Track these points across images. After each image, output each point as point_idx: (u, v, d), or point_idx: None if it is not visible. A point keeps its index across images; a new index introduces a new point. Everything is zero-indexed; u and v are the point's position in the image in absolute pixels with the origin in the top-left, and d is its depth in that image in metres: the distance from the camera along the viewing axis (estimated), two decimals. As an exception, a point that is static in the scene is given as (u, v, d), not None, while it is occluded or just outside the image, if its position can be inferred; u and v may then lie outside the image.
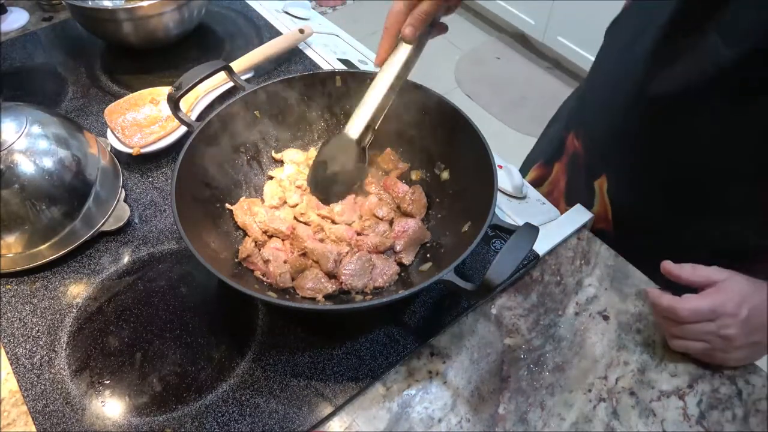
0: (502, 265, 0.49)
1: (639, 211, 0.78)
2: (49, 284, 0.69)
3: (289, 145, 0.80)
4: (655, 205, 0.75)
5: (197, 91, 0.87)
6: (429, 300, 0.68)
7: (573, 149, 0.88)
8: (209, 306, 0.68)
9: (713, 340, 0.59)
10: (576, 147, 0.87)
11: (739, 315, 0.57)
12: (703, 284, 0.60)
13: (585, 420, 0.59)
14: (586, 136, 0.84)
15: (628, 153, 0.76)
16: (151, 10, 0.92)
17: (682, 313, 0.59)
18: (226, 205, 0.72)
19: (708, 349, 0.60)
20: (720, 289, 0.59)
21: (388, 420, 0.59)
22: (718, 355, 0.60)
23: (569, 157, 0.89)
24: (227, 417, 0.58)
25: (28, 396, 0.59)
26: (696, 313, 0.58)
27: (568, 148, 0.89)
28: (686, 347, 0.61)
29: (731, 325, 0.57)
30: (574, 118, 0.89)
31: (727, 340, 0.58)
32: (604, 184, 0.81)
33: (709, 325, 0.58)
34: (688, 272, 0.60)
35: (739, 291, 0.58)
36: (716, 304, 0.58)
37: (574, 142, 0.87)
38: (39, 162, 0.69)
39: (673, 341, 0.62)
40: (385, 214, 0.72)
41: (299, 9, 1.14)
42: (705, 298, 0.58)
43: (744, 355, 0.60)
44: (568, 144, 0.89)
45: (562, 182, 0.91)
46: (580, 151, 0.86)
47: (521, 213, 0.77)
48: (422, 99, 0.73)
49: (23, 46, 1.06)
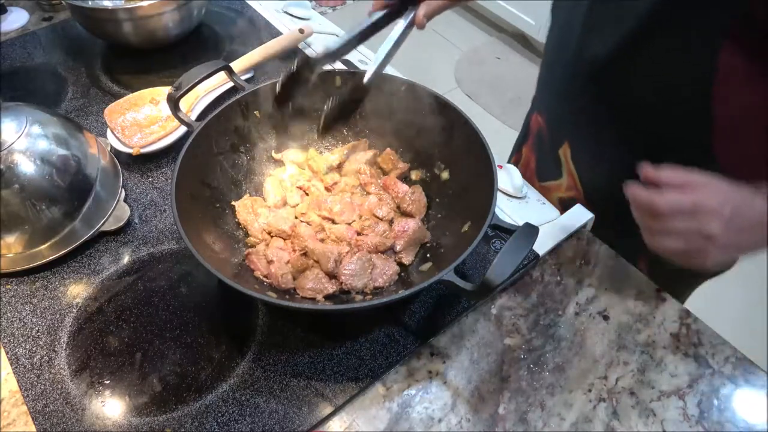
0: (502, 265, 0.49)
1: (601, 173, 0.80)
2: (49, 284, 0.69)
3: (289, 145, 0.80)
4: (614, 165, 0.77)
5: (197, 91, 0.87)
6: (429, 300, 0.68)
7: (537, 127, 0.93)
8: (209, 306, 0.68)
9: (693, 239, 0.56)
10: (540, 124, 0.92)
11: (722, 212, 0.54)
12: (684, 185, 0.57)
13: (585, 420, 0.59)
14: (546, 111, 0.90)
15: (579, 116, 0.80)
16: (151, 10, 0.92)
17: (661, 205, 0.56)
18: (229, 201, 0.72)
19: (687, 250, 0.57)
20: (702, 185, 0.56)
21: (388, 420, 0.59)
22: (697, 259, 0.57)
23: (535, 136, 0.94)
24: (227, 417, 0.58)
25: (28, 396, 0.59)
26: (676, 207, 0.56)
27: (533, 127, 0.94)
28: (664, 246, 0.58)
29: (714, 223, 0.55)
30: (536, 99, 0.95)
31: (709, 239, 0.55)
32: (568, 151, 0.84)
33: (691, 222, 0.56)
34: (667, 174, 0.58)
35: (722, 190, 0.56)
36: (698, 200, 0.55)
37: (538, 120, 0.92)
38: (39, 162, 0.69)
39: (651, 239, 0.59)
40: (384, 214, 0.72)
41: (299, 9, 1.14)
42: (686, 193, 0.56)
43: (723, 258, 0.58)
44: (533, 124, 0.94)
45: (532, 162, 0.95)
46: (543, 126, 0.91)
47: (521, 213, 0.77)
48: (422, 99, 0.73)
49: (23, 46, 1.06)
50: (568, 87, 0.81)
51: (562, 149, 0.86)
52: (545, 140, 0.91)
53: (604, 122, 0.77)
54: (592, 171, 0.83)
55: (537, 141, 0.94)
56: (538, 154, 0.94)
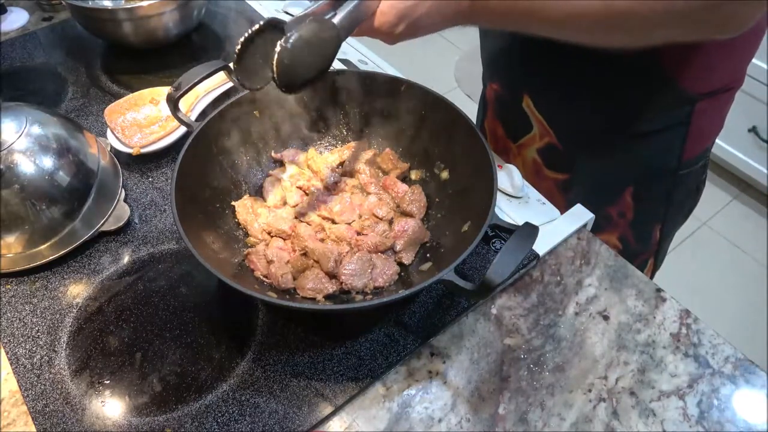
0: (502, 265, 0.49)
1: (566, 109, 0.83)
2: (49, 284, 0.69)
3: (288, 145, 0.80)
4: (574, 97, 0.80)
5: (197, 91, 0.87)
6: (429, 300, 0.68)
7: (493, 95, 0.96)
8: (209, 306, 0.68)
9: None
10: (495, 90, 0.95)
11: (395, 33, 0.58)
12: None
13: (585, 420, 0.59)
14: (497, 74, 0.93)
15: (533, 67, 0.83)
16: (151, 10, 0.92)
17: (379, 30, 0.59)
18: (229, 201, 0.72)
19: None
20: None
21: (388, 420, 0.59)
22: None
23: (494, 104, 0.97)
24: (227, 417, 0.58)
25: (28, 396, 0.59)
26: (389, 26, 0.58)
27: (489, 98, 0.98)
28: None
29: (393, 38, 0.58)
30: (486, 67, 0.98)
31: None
32: (530, 102, 0.87)
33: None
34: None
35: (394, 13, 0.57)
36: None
37: (492, 88, 0.96)
38: (39, 162, 0.69)
39: None
40: (384, 214, 0.72)
41: (299, 9, 1.14)
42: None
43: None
44: (489, 95, 0.98)
45: (499, 129, 0.98)
46: (499, 91, 0.94)
47: (521, 213, 0.77)
48: (422, 98, 0.73)
49: (23, 46, 1.06)
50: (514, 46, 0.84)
51: (524, 103, 0.88)
52: (506, 102, 0.93)
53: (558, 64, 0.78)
54: (556, 110, 0.86)
55: (498, 106, 0.97)
56: (503, 118, 0.97)
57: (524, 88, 0.87)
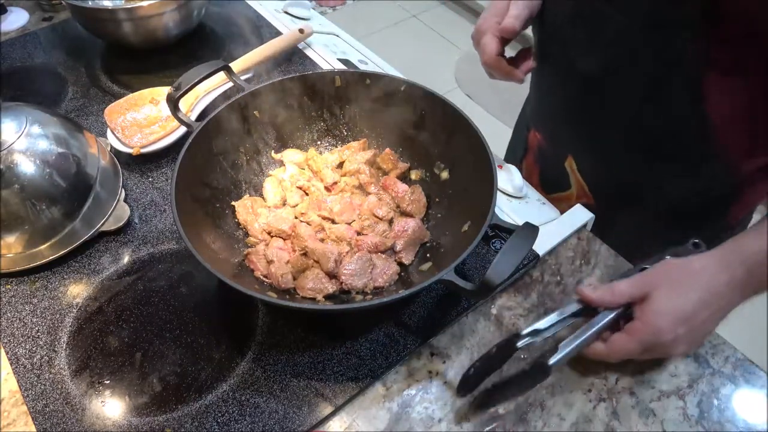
0: (502, 264, 0.49)
1: (609, 178, 0.82)
2: (49, 284, 0.69)
3: (288, 145, 0.80)
4: (621, 166, 0.79)
5: (197, 91, 0.87)
6: (429, 300, 0.68)
7: (536, 143, 0.94)
8: (209, 306, 0.68)
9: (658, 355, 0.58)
10: (538, 140, 0.93)
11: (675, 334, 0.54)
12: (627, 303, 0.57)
13: (585, 420, 0.59)
14: (543, 127, 0.91)
15: (579, 128, 0.82)
16: (151, 10, 0.92)
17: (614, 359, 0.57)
18: (229, 201, 0.72)
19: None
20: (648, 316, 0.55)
21: (388, 420, 0.59)
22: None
23: (535, 151, 0.95)
24: (227, 417, 0.58)
25: (28, 396, 0.59)
26: (627, 355, 0.56)
27: (531, 143, 0.96)
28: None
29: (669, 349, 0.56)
30: (531, 115, 0.96)
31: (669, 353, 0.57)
32: (573, 163, 0.86)
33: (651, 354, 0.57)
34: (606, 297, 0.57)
35: (670, 309, 0.54)
36: (646, 340, 0.55)
37: (536, 137, 0.94)
38: (39, 162, 0.69)
39: None
40: (384, 214, 0.72)
41: (299, 9, 1.14)
42: (633, 336, 0.55)
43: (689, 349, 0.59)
44: (531, 140, 0.96)
45: (535, 175, 0.96)
46: (542, 142, 0.92)
47: (521, 213, 0.77)
48: (422, 98, 0.73)
49: (23, 46, 1.06)
50: (563, 102, 0.82)
51: (567, 162, 0.87)
52: (548, 155, 0.92)
53: (605, 129, 0.78)
54: (600, 177, 0.84)
55: (539, 155, 0.94)
56: (543, 167, 0.95)
57: (570, 149, 0.86)
